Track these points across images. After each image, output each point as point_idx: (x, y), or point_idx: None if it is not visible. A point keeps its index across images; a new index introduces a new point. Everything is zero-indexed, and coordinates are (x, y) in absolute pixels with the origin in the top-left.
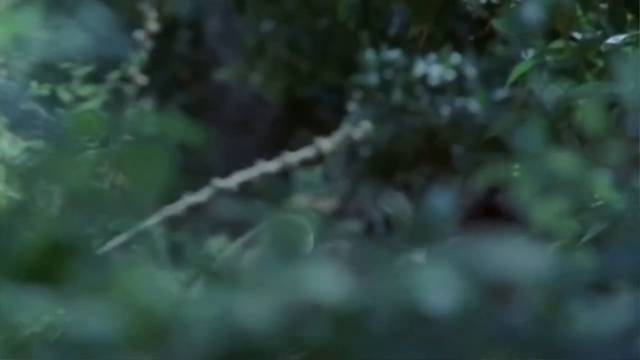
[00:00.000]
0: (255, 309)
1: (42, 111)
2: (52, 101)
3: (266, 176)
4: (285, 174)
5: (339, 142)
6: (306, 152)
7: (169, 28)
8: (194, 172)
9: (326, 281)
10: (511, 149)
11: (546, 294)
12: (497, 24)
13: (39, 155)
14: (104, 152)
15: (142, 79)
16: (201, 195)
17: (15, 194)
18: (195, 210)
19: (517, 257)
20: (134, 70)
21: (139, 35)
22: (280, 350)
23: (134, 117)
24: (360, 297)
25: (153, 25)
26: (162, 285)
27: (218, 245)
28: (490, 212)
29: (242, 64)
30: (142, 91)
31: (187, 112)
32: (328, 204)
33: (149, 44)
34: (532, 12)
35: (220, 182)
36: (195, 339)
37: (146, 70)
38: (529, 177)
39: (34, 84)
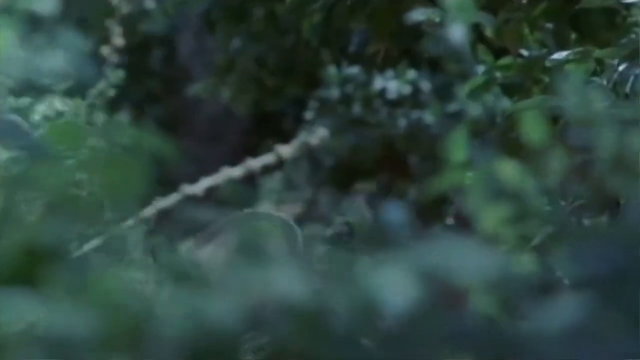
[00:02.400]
0: (222, 308)
1: (23, 123)
2: (31, 115)
3: (232, 182)
4: (250, 180)
5: (297, 148)
6: (267, 159)
7: (143, 45)
8: (167, 180)
9: (289, 282)
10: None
11: (494, 293)
12: (426, 45)
13: (19, 165)
14: (82, 162)
15: (116, 93)
16: (170, 200)
17: None
18: (165, 214)
19: (466, 258)
20: (108, 86)
21: (110, 52)
22: (245, 346)
23: (109, 129)
24: (321, 297)
25: (120, 41)
26: (136, 286)
27: (187, 248)
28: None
29: (213, 79)
30: (118, 104)
31: (161, 125)
32: (292, 210)
33: (119, 60)
34: (457, 34)
35: (188, 188)
36: (167, 336)
37: (121, 85)
38: (478, 185)
39: (13, 99)
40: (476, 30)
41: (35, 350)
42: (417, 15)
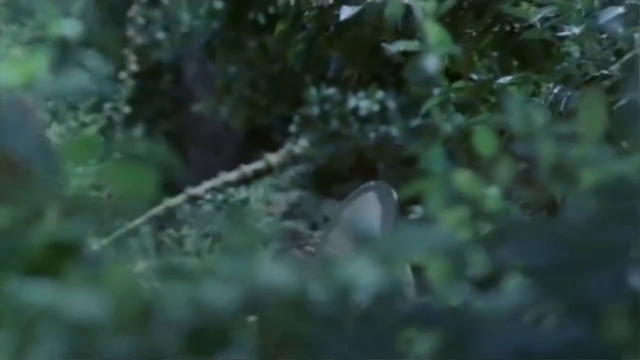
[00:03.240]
0: (219, 295)
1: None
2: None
3: (228, 185)
4: (245, 184)
5: (283, 156)
6: (258, 165)
7: (154, 70)
8: (175, 184)
9: (276, 271)
10: (422, 167)
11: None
12: (405, 73)
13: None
14: (100, 168)
15: (130, 110)
16: (176, 200)
17: (23, 202)
18: (172, 212)
19: (421, 238)
20: (123, 104)
21: (126, 76)
22: (238, 328)
23: (124, 141)
24: (303, 284)
25: (134, 67)
26: (144, 275)
27: (192, 241)
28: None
29: (213, 99)
30: (133, 121)
31: (170, 138)
32: (279, 209)
33: (132, 83)
34: (432, 63)
35: (191, 190)
36: (170, 319)
37: (135, 103)
38: (436, 190)
39: (45, 115)
40: (441, 63)
41: (56, 330)
42: (396, 46)
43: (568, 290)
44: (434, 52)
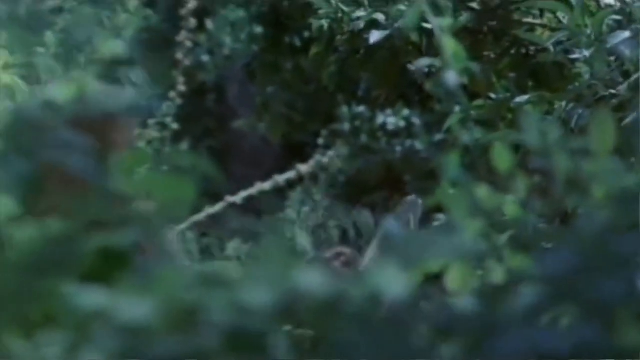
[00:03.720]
0: (258, 299)
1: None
2: None
3: (264, 194)
4: (281, 194)
5: (312, 166)
6: (290, 175)
7: (200, 90)
8: (217, 194)
9: (312, 276)
10: (445, 179)
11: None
12: (427, 85)
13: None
14: (148, 179)
15: (178, 127)
16: (217, 208)
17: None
18: (214, 219)
19: (445, 244)
20: (172, 121)
21: (174, 95)
22: (277, 329)
23: (172, 155)
24: (337, 288)
25: (182, 88)
26: (190, 279)
27: (233, 247)
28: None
29: (253, 117)
30: (180, 137)
31: (214, 152)
32: (313, 218)
33: (180, 102)
34: (452, 78)
35: (230, 198)
36: (213, 322)
37: (182, 120)
38: (458, 202)
39: None
40: (460, 78)
41: (108, 331)
42: (421, 63)
43: (582, 295)
44: (452, 66)
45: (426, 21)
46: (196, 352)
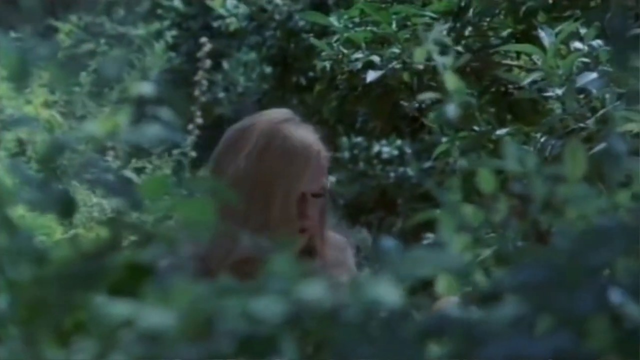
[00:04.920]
0: (268, 307)
1: (133, 177)
2: (139, 170)
3: None
4: None
5: None
6: None
7: (217, 123)
8: None
9: (315, 288)
10: (436, 200)
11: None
12: (428, 119)
13: (123, 208)
14: (170, 202)
15: (196, 155)
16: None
17: (103, 233)
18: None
19: (435, 260)
20: (190, 149)
21: (193, 127)
22: (284, 337)
23: (191, 181)
24: (337, 299)
25: (200, 121)
26: (207, 290)
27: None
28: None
29: None
30: (198, 163)
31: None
32: None
33: (197, 133)
34: (452, 110)
35: None
36: (227, 328)
37: (201, 149)
38: (448, 220)
39: (130, 159)
40: (461, 110)
41: (132, 339)
42: (420, 97)
43: (556, 305)
44: (453, 100)
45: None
46: (212, 358)
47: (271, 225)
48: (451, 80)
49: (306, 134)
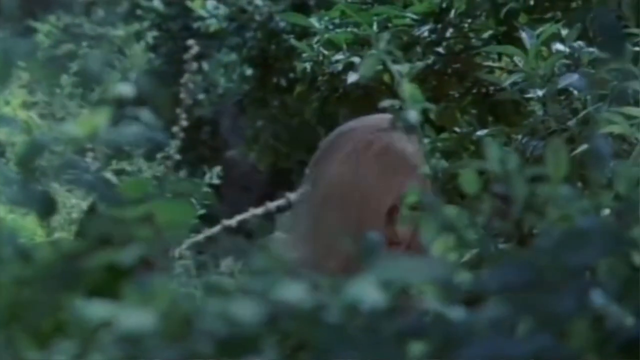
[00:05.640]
0: (247, 309)
1: (113, 179)
2: (120, 172)
3: (255, 218)
4: (270, 218)
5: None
6: (280, 202)
7: (197, 124)
8: (213, 217)
9: (295, 289)
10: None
11: (439, 297)
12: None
13: (103, 209)
14: (151, 204)
15: (178, 157)
16: (213, 230)
17: (83, 234)
18: (210, 240)
19: (417, 268)
20: (175, 152)
21: (177, 129)
22: (263, 337)
23: (172, 182)
24: (318, 299)
25: (185, 123)
26: (187, 292)
27: (226, 265)
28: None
29: (244, 147)
30: (179, 165)
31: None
32: None
33: (182, 135)
34: (412, 116)
35: (227, 221)
36: (207, 330)
37: (181, 151)
38: (430, 222)
39: (110, 161)
40: (424, 114)
41: (113, 340)
42: (385, 104)
43: (538, 306)
44: (411, 107)
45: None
46: (192, 358)
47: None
48: (407, 88)
49: (406, 145)
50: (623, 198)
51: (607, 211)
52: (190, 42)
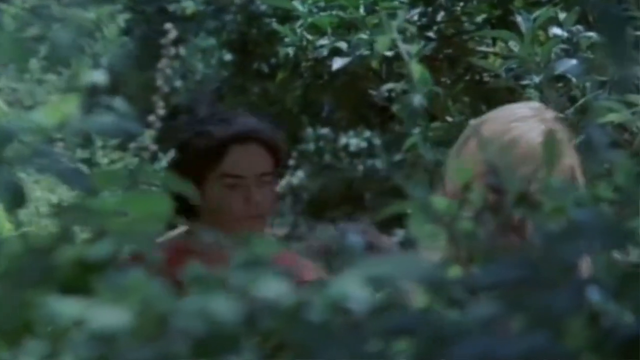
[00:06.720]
0: (226, 306)
1: (84, 169)
2: (91, 163)
3: None
4: None
5: (283, 186)
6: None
7: (173, 112)
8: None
9: (276, 285)
10: (405, 194)
11: (429, 295)
12: (394, 107)
13: (76, 200)
14: (125, 196)
15: (154, 148)
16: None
17: (55, 228)
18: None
19: (406, 266)
20: (149, 142)
21: (154, 118)
22: (243, 336)
23: (147, 174)
24: (300, 297)
25: (162, 111)
26: (161, 289)
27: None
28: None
29: None
30: (156, 155)
31: None
32: (280, 231)
33: (159, 124)
34: (417, 100)
35: None
36: (183, 329)
37: (158, 140)
38: (418, 214)
39: (79, 151)
40: (426, 100)
41: (83, 340)
42: (386, 87)
43: (532, 304)
44: (418, 89)
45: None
46: (167, 358)
47: None
48: (416, 70)
49: (535, 137)
50: (622, 190)
51: (605, 203)
52: (168, 25)
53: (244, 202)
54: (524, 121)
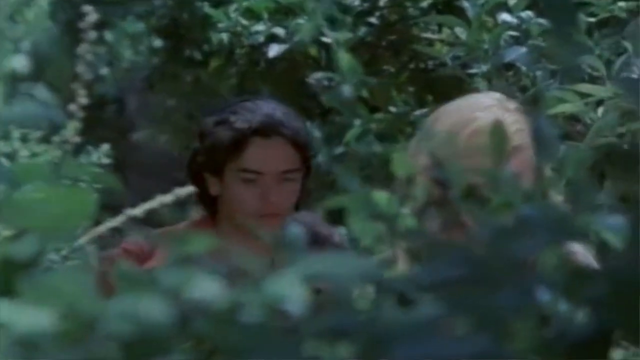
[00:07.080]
0: (156, 307)
1: (4, 162)
2: (13, 156)
3: (165, 206)
4: (181, 205)
5: None
6: (192, 189)
7: (99, 102)
8: (118, 206)
9: (209, 286)
10: (345, 189)
11: (370, 294)
12: (325, 98)
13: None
14: (46, 191)
15: (77, 140)
16: (117, 221)
17: None
18: (115, 231)
19: (344, 266)
20: (71, 134)
21: (76, 108)
22: (174, 339)
23: (70, 167)
24: (234, 297)
25: (84, 100)
26: (88, 290)
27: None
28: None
29: (153, 128)
30: (80, 148)
31: (113, 164)
32: None
33: (81, 115)
34: (347, 90)
35: (131, 211)
36: (110, 332)
37: (82, 133)
38: (357, 209)
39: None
40: (356, 91)
41: (6, 344)
42: (316, 77)
43: (476, 304)
44: (347, 80)
45: (325, 35)
46: None
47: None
48: (344, 59)
49: (509, 125)
50: (572, 183)
51: (557, 197)
52: (88, 8)
53: (260, 199)
54: (488, 111)
